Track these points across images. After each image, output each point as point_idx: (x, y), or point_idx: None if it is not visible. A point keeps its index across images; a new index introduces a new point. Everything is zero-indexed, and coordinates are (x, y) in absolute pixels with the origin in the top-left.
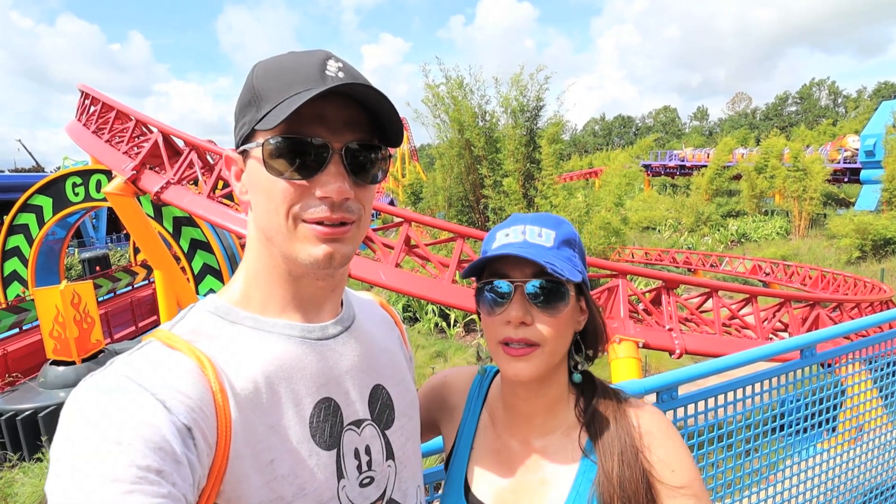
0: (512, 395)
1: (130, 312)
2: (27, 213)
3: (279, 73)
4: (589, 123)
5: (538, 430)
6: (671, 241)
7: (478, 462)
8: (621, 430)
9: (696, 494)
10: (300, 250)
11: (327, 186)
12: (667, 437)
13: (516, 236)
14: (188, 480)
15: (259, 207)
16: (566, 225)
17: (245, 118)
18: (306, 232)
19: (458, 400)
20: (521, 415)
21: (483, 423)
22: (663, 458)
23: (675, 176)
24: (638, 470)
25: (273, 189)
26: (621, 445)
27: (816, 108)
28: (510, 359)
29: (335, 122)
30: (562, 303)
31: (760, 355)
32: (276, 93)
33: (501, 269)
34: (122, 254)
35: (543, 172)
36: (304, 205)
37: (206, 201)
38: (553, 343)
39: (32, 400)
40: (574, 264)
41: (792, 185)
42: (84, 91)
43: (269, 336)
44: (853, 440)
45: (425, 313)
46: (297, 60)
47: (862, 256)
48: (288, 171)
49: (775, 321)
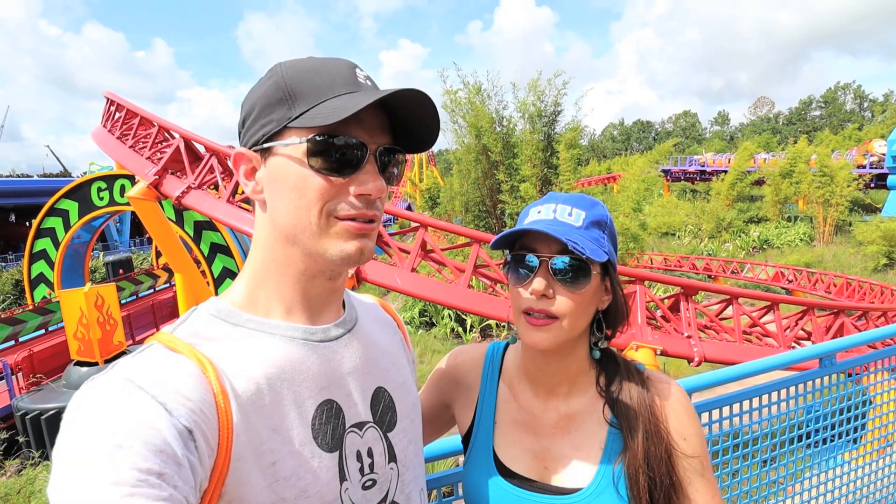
0: (534, 367)
1: (152, 315)
2: (54, 217)
3: (312, 74)
4: (607, 128)
5: (563, 399)
6: (691, 248)
7: (504, 433)
8: (643, 407)
9: (702, 465)
10: (331, 246)
11: (367, 185)
12: (684, 409)
13: (547, 214)
14: (189, 483)
15: (283, 205)
16: (599, 206)
17: (271, 116)
18: (339, 228)
19: (473, 377)
20: (545, 385)
21: (503, 396)
22: (677, 428)
23: (696, 181)
24: (662, 447)
25: (307, 186)
26: (644, 422)
27: (841, 112)
28: (530, 327)
29: (371, 125)
30: (584, 280)
31: (778, 363)
32: (314, 92)
33: (531, 244)
34: (145, 257)
35: (561, 178)
36: (338, 201)
37: (225, 206)
38: (572, 318)
39: (56, 400)
40: (601, 244)
41: (817, 190)
42: (109, 98)
43: (271, 338)
44: (878, 451)
45: (441, 318)
46: (327, 65)
47: (889, 264)
48: (327, 168)
49: (798, 329)
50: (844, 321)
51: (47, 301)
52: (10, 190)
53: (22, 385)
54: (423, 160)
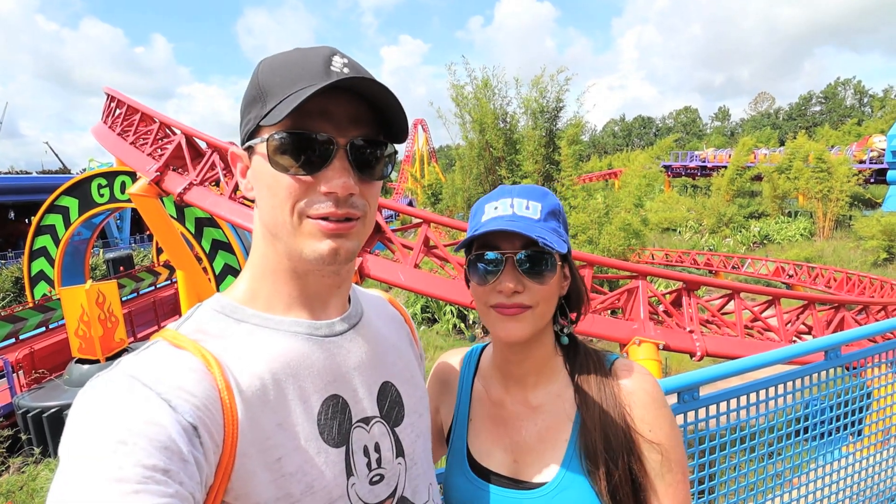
0: (504, 361)
1: (153, 312)
2: (54, 214)
3: (283, 68)
4: (608, 124)
5: (532, 389)
6: (692, 243)
7: (477, 430)
8: (602, 384)
9: (666, 452)
10: (305, 246)
11: (332, 182)
12: (651, 399)
13: (505, 209)
14: (195, 479)
15: (263, 204)
16: (550, 196)
17: (250, 114)
18: (311, 228)
19: (453, 379)
20: (514, 377)
21: (477, 393)
22: (643, 417)
23: (696, 177)
24: (620, 418)
25: (277, 185)
26: (602, 396)
27: (841, 107)
28: (502, 318)
29: (340, 117)
30: (549, 271)
31: (784, 356)
32: (280, 88)
33: (492, 241)
34: (146, 254)
35: (563, 173)
36: (308, 201)
37: (227, 202)
38: (542, 306)
39: (58, 397)
40: (560, 234)
41: (816, 185)
42: (110, 94)
43: (275, 334)
44: (879, 444)
45: (444, 314)
46: (303, 56)
47: (889, 258)
48: (293, 166)
49: (799, 323)
50: (845, 315)
51: (48, 298)
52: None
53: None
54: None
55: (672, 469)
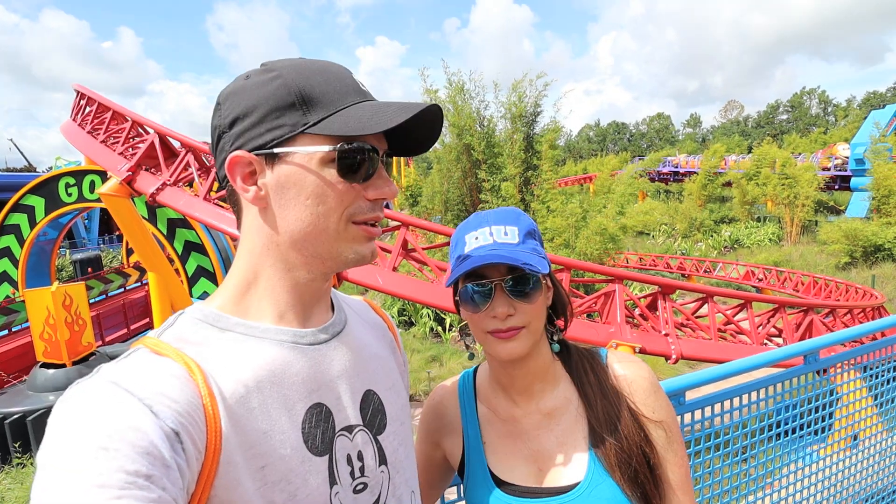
0: (506, 377)
1: (122, 314)
2: (19, 214)
3: (322, 78)
4: (584, 129)
5: (540, 397)
6: (665, 247)
7: (495, 450)
8: (601, 373)
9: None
10: (347, 249)
11: (384, 189)
12: (649, 384)
13: (485, 238)
14: (178, 485)
15: (296, 212)
16: (524, 217)
17: (282, 120)
18: (356, 232)
19: (453, 410)
20: (521, 388)
21: (483, 416)
22: (645, 401)
23: (669, 182)
24: (625, 407)
25: (327, 192)
26: (601, 383)
27: (807, 116)
28: (501, 341)
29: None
30: (535, 290)
31: (766, 361)
32: (328, 98)
33: (479, 270)
34: (115, 255)
35: (542, 177)
36: (356, 206)
37: (202, 203)
38: (535, 323)
39: (21, 403)
40: (539, 252)
41: (783, 192)
42: (80, 91)
43: (259, 342)
44: (848, 447)
45: (420, 317)
46: (332, 70)
47: (851, 262)
48: (352, 175)
49: (769, 326)
50: (813, 318)
51: (11, 300)
52: None
53: None
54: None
55: (676, 439)
